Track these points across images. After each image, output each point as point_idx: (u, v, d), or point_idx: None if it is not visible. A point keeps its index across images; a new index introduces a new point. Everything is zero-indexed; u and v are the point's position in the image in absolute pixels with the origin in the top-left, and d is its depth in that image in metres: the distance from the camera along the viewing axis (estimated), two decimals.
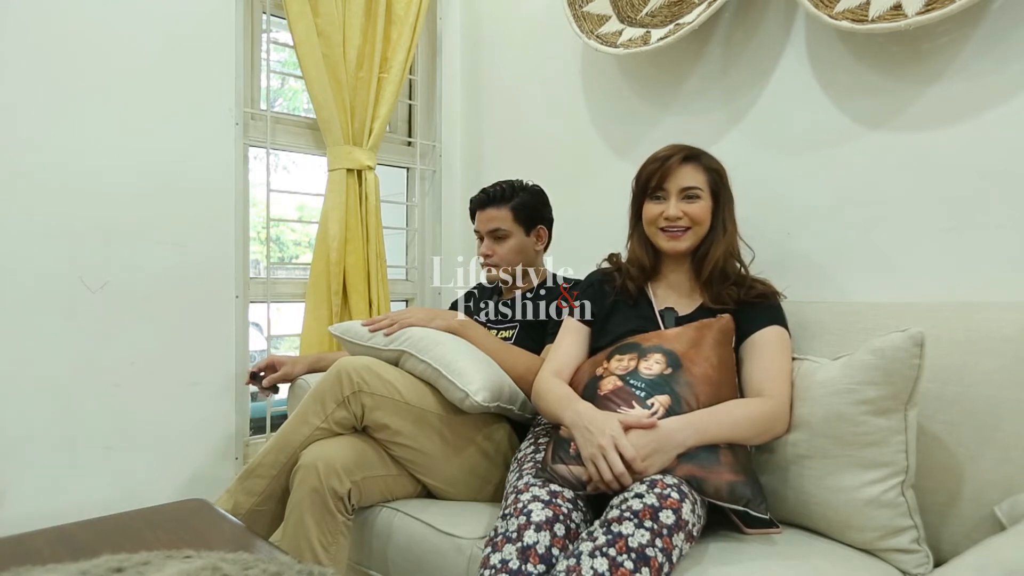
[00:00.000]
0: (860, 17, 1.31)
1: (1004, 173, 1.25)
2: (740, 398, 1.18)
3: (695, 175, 1.29)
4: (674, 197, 1.28)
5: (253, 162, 2.04)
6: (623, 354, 1.23)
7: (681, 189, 1.28)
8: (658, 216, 1.30)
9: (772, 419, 1.13)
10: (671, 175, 1.28)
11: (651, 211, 1.31)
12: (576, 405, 1.16)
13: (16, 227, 1.59)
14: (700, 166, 1.30)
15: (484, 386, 1.32)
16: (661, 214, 1.29)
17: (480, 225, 1.67)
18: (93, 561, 0.78)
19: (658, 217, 1.30)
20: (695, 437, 1.06)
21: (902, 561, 1.04)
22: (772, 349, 1.21)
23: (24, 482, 1.60)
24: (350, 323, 1.53)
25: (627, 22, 1.77)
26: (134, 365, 1.75)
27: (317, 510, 1.26)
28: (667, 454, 1.05)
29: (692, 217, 1.28)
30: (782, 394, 1.16)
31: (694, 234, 1.29)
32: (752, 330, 1.24)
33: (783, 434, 1.15)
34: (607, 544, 0.90)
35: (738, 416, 1.11)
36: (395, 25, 2.13)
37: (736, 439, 1.10)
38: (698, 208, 1.28)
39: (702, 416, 1.10)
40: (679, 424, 1.08)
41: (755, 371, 1.20)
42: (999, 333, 1.09)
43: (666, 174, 1.28)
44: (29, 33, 1.60)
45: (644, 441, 1.05)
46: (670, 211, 1.28)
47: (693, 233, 1.29)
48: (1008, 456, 1.04)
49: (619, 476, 1.02)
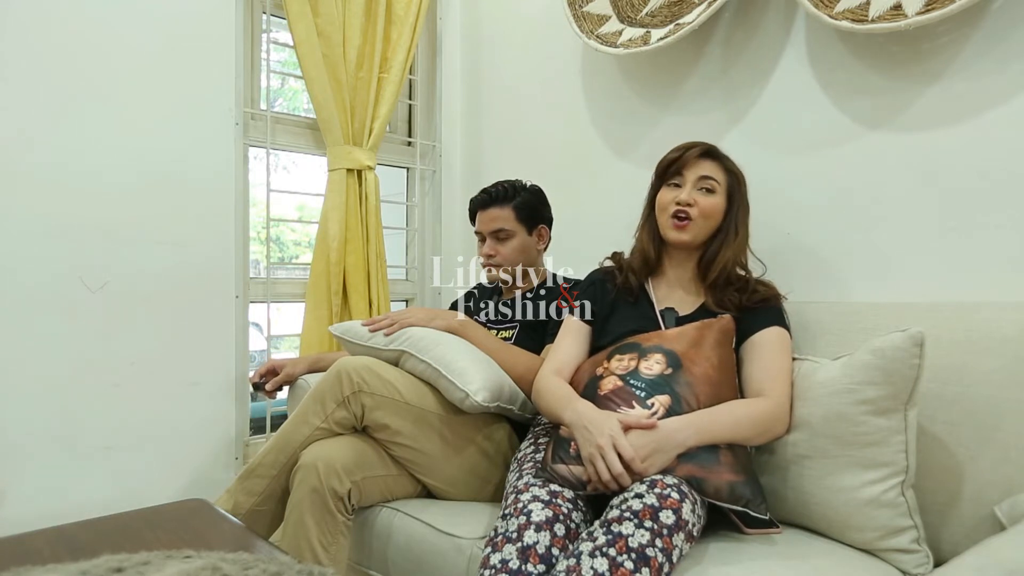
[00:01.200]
0: (860, 17, 1.31)
1: (1004, 173, 1.25)
2: (740, 398, 1.18)
3: (713, 169, 1.30)
4: (690, 185, 1.29)
5: (253, 162, 2.04)
6: (623, 354, 1.23)
7: (698, 179, 1.29)
8: (670, 202, 1.30)
9: (772, 419, 1.13)
10: (690, 164, 1.30)
11: (665, 197, 1.32)
12: (576, 404, 1.16)
13: (16, 227, 1.59)
14: (720, 164, 1.31)
15: (484, 386, 1.32)
16: (674, 199, 1.29)
17: (482, 226, 1.66)
18: (93, 561, 0.78)
19: (670, 203, 1.30)
20: (695, 437, 1.06)
21: (902, 561, 1.04)
22: (772, 349, 1.21)
23: (24, 482, 1.60)
24: (350, 323, 1.53)
25: (627, 22, 1.77)
26: (134, 365, 1.75)
27: (317, 510, 1.26)
28: (667, 454, 1.05)
29: (703, 209, 1.27)
30: (782, 394, 1.16)
31: (700, 228, 1.28)
32: (752, 330, 1.24)
33: (783, 435, 1.15)
34: (607, 544, 0.90)
35: (738, 416, 1.11)
36: (395, 25, 2.13)
37: (736, 439, 1.10)
38: (711, 202, 1.28)
39: (702, 416, 1.10)
40: (679, 424, 1.08)
41: (755, 371, 1.20)
42: (999, 333, 1.09)
43: (686, 162, 1.30)
44: (29, 33, 1.60)
45: (644, 441, 1.05)
46: (683, 196, 1.28)
47: (698, 227, 1.28)
48: (1008, 456, 1.04)
49: (617, 476, 1.02)
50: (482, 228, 1.66)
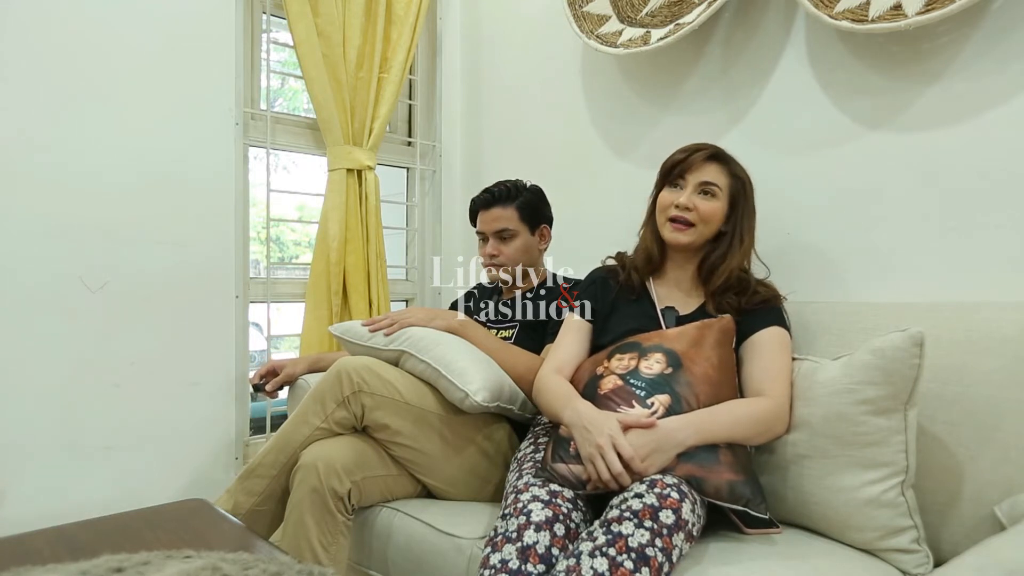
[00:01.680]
0: (860, 17, 1.31)
1: (1004, 173, 1.25)
2: (740, 398, 1.18)
3: (717, 174, 1.29)
4: (690, 188, 1.29)
5: (253, 162, 2.04)
6: (623, 353, 1.23)
7: (700, 183, 1.29)
8: (670, 204, 1.30)
9: (772, 419, 1.13)
10: (693, 168, 1.30)
11: (665, 198, 1.32)
12: (575, 404, 1.16)
13: (16, 227, 1.59)
14: (724, 168, 1.31)
15: (484, 386, 1.32)
16: (673, 201, 1.29)
17: (485, 225, 1.66)
18: (93, 561, 0.78)
19: (670, 205, 1.30)
20: (695, 437, 1.06)
21: (902, 561, 1.04)
22: (772, 349, 1.21)
23: (24, 482, 1.60)
24: (350, 323, 1.53)
25: (627, 22, 1.77)
26: (134, 365, 1.75)
27: (317, 510, 1.26)
28: (667, 454, 1.05)
29: (702, 213, 1.27)
30: (782, 394, 1.16)
31: (698, 232, 1.29)
32: (752, 330, 1.24)
33: (783, 434, 1.15)
34: (607, 544, 0.90)
35: (738, 415, 1.11)
36: (395, 25, 2.13)
37: (736, 439, 1.10)
38: (711, 206, 1.28)
39: (702, 416, 1.10)
40: (679, 424, 1.08)
41: (755, 371, 1.20)
42: (999, 333, 1.09)
43: (689, 165, 1.30)
44: (29, 33, 1.60)
45: (643, 441, 1.05)
46: (682, 199, 1.28)
47: (697, 231, 1.29)
48: (1008, 456, 1.04)
49: (617, 476, 1.02)
50: (485, 228, 1.66)
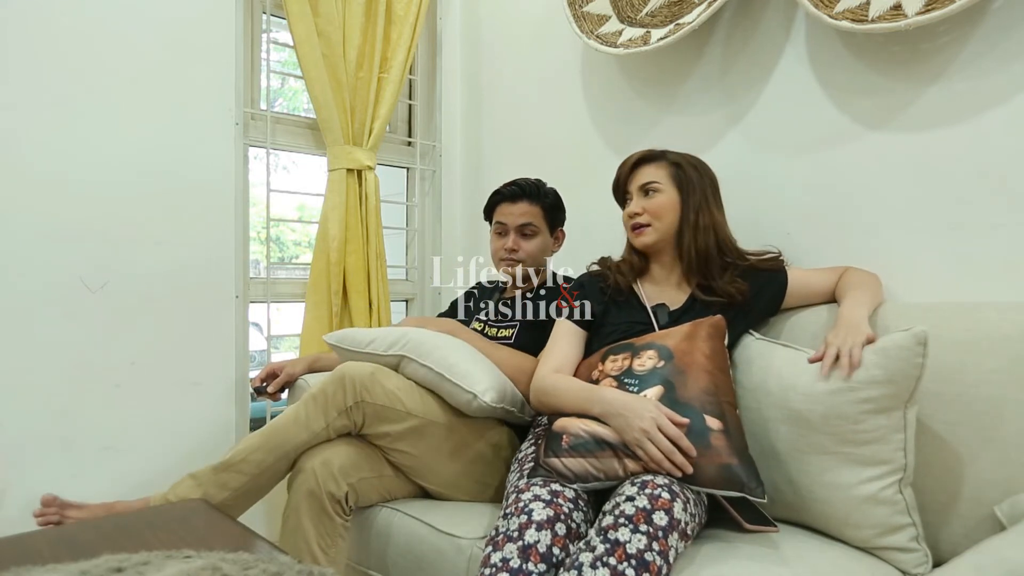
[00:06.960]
0: (860, 17, 1.31)
1: (1004, 173, 1.25)
2: (734, 399, 1.17)
3: (652, 172, 1.37)
4: (636, 196, 1.38)
5: (253, 162, 2.04)
6: (617, 354, 1.24)
7: (640, 187, 1.37)
8: (626, 216, 1.39)
9: (875, 277, 1.31)
10: (629, 177, 1.40)
11: (623, 215, 1.41)
12: (602, 394, 1.14)
13: (16, 227, 1.59)
14: (657, 164, 1.37)
15: (491, 386, 1.32)
16: (627, 213, 1.38)
17: (508, 218, 1.64)
18: (93, 561, 0.78)
19: (626, 217, 1.39)
20: (867, 306, 1.19)
21: (901, 560, 1.04)
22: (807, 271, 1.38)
23: (24, 482, 1.60)
24: (344, 331, 1.49)
25: (627, 22, 1.77)
26: (134, 365, 1.75)
27: (314, 513, 1.25)
28: (859, 331, 1.11)
29: (651, 211, 1.35)
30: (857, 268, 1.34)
31: (656, 230, 1.35)
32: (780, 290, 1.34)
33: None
34: (606, 553, 0.90)
35: (865, 280, 1.28)
36: (395, 25, 2.13)
37: (880, 298, 1.26)
38: (656, 201, 1.34)
39: (855, 295, 1.22)
40: (848, 308, 1.18)
41: (822, 276, 1.35)
42: (999, 333, 1.09)
43: (623, 178, 1.41)
44: (29, 34, 1.60)
45: (835, 333, 1.12)
46: (631, 208, 1.38)
47: (656, 228, 1.35)
48: (1008, 456, 1.04)
49: (669, 454, 1.02)
50: (508, 220, 1.64)
